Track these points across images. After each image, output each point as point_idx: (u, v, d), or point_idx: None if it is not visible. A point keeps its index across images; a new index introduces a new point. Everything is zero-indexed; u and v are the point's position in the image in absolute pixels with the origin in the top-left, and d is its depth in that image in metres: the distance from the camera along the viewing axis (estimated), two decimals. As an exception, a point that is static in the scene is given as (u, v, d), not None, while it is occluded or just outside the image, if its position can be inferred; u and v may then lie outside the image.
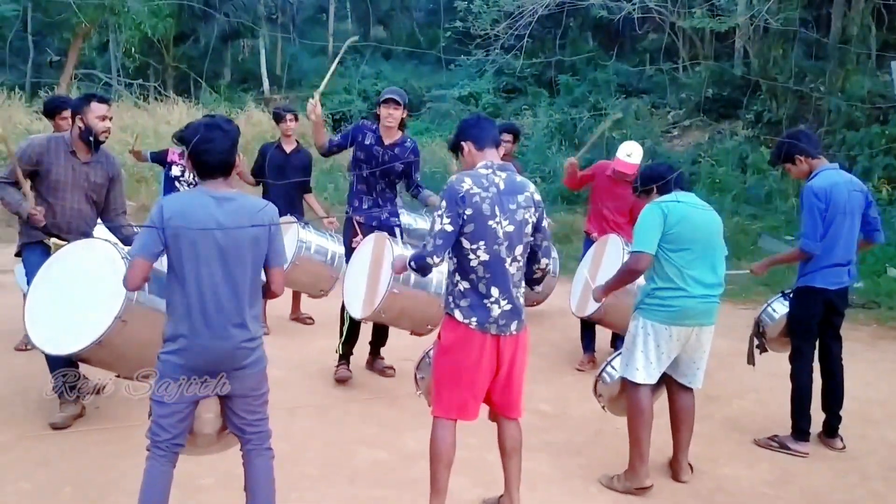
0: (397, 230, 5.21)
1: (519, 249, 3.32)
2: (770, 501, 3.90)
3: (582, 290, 5.62)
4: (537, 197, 3.41)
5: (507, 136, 7.18)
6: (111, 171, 4.54)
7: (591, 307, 5.39)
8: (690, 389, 4.06)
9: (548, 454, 4.32)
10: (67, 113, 4.75)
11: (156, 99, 18.56)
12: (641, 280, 4.12)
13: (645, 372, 3.88)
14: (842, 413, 4.82)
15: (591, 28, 21.03)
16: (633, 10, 14.33)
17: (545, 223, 3.45)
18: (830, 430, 4.52)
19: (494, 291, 3.27)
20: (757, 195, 12.74)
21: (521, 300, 3.40)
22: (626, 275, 4.01)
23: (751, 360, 4.81)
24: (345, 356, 5.27)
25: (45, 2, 19.31)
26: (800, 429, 4.41)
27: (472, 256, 3.25)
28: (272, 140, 7.32)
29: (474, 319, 3.27)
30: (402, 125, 5.16)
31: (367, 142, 5.10)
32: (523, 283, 3.45)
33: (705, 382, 5.44)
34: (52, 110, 5.38)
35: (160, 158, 7.11)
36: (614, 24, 17.34)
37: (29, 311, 3.94)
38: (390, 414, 4.76)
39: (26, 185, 4.27)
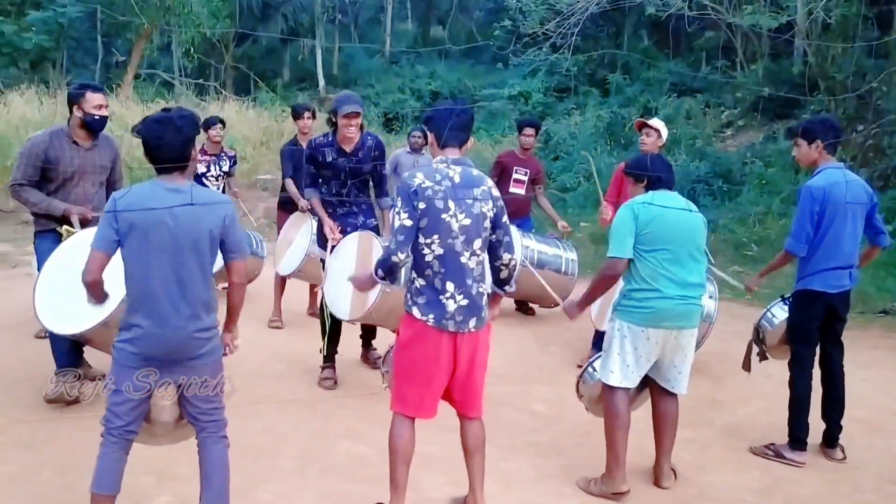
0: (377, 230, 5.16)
1: (478, 243, 3.28)
2: (754, 510, 3.76)
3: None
4: (495, 192, 3.36)
5: (528, 131, 7.17)
6: (113, 152, 4.76)
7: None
8: (674, 394, 3.93)
9: (530, 454, 4.25)
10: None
11: (216, 99, 19.03)
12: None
13: (621, 375, 3.78)
14: (852, 421, 4.65)
15: (646, 26, 20.67)
16: (685, 6, 14.05)
17: (505, 218, 3.38)
18: (830, 439, 4.33)
19: (450, 286, 3.24)
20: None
21: (483, 297, 3.34)
22: (600, 282, 3.84)
23: (746, 366, 4.65)
24: (329, 357, 5.23)
25: (109, 3, 19.94)
26: (796, 437, 4.24)
27: (426, 251, 3.22)
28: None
29: (431, 316, 3.25)
30: (360, 128, 5.02)
31: (328, 159, 4.97)
32: (485, 280, 3.38)
33: (712, 387, 5.35)
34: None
35: None
36: (670, 22, 17.05)
37: (38, 294, 4.07)
38: (380, 409, 4.67)
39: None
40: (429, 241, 3.20)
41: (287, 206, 6.63)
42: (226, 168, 7.31)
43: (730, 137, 16.45)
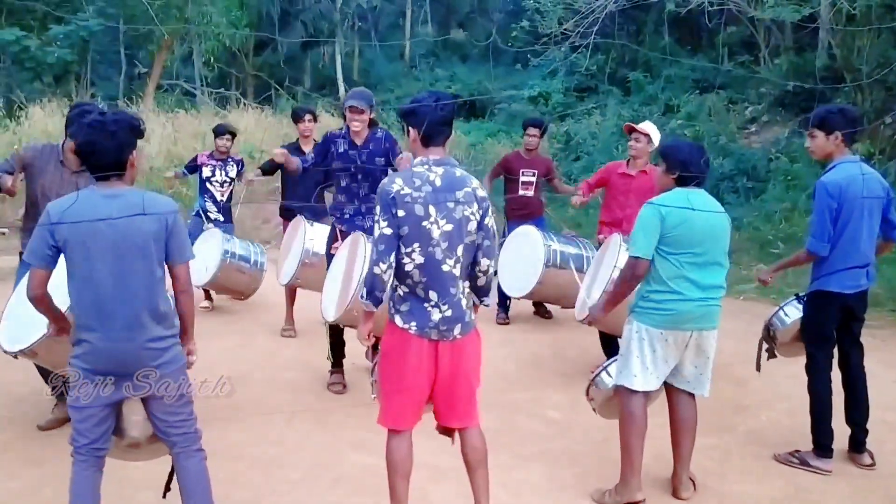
0: None
1: (460, 249, 3.11)
2: (774, 521, 3.60)
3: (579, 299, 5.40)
4: (481, 193, 3.17)
5: (532, 131, 7.04)
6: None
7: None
8: (692, 398, 3.78)
9: (543, 463, 4.13)
10: None
11: (237, 107, 19.10)
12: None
13: (643, 379, 3.64)
14: (883, 425, 4.49)
15: (667, 23, 20.40)
16: (706, 1, 13.83)
17: (489, 221, 3.20)
18: (857, 444, 4.15)
19: (433, 295, 3.10)
20: (834, 192, 12.02)
21: (465, 301, 3.19)
22: (625, 282, 3.72)
23: (759, 366, 4.49)
24: (336, 363, 5.20)
25: (130, 16, 20.11)
26: (821, 444, 4.05)
27: (406, 260, 3.07)
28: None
29: (414, 324, 3.11)
30: (371, 124, 5.08)
31: (340, 149, 5.06)
32: (468, 284, 3.22)
33: (735, 390, 5.19)
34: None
35: (193, 167, 7.27)
36: (692, 18, 16.81)
37: (4, 317, 3.97)
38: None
39: (18, 176, 4.36)
40: (409, 249, 3.05)
41: (287, 214, 6.57)
42: (232, 174, 7.24)
43: (754, 133, 16.17)
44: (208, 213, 7.20)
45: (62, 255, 2.83)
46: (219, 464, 3.90)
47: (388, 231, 3.04)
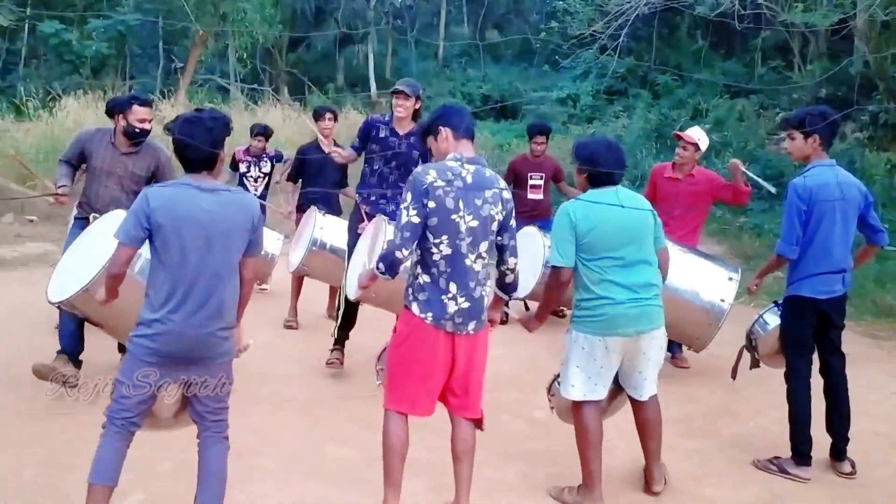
0: None
1: (483, 246, 3.21)
2: (745, 526, 3.57)
3: None
4: (507, 195, 3.28)
5: (539, 139, 7.05)
6: (154, 161, 4.86)
7: None
8: (650, 399, 3.71)
9: (521, 462, 4.12)
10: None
11: (271, 103, 19.33)
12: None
13: (583, 389, 3.58)
14: (873, 435, 4.43)
15: (701, 27, 20.22)
16: (736, 4, 13.66)
17: (512, 223, 3.31)
18: (837, 452, 4.09)
19: (453, 287, 3.18)
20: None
21: (485, 299, 3.28)
22: (550, 291, 3.65)
23: (734, 373, 4.46)
24: (339, 340, 5.31)
25: (167, 11, 20.45)
26: (799, 452, 4.00)
27: (434, 250, 3.16)
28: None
29: (430, 314, 3.19)
30: (415, 116, 5.16)
31: (381, 134, 5.14)
32: (489, 283, 3.32)
33: (726, 396, 5.16)
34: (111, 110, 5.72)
35: (235, 165, 7.44)
36: (725, 22, 16.64)
37: (54, 274, 4.19)
38: (374, 413, 4.64)
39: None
40: (437, 240, 3.14)
41: (303, 208, 6.65)
42: (266, 169, 7.47)
43: (784, 140, 15.93)
44: None
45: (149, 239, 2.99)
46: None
47: (416, 220, 3.12)
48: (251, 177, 7.42)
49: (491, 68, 25.52)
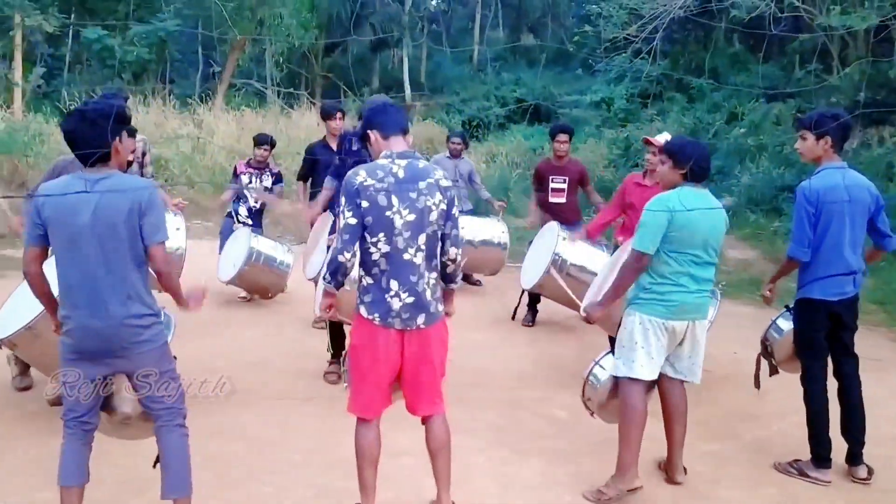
0: None
1: (422, 238, 3.20)
2: (758, 527, 3.58)
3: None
4: (444, 183, 3.27)
5: (561, 137, 7.03)
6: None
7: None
8: (682, 387, 3.89)
9: (539, 459, 4.18)
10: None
11: (307, 107, 19.58)
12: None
13: (648, 368, 3.75)
14: (894, 441, 4.39)
15: (738, 30, 20.00)
16: (772, 5, 13.54)
17: (455, 211, 3.30)
18: (853, 457, 4.07)
19: (394, 284, 3.19)
20: (895, 206, 11.62)
21: (429, 291, 3.26)
22: (627, 275, 3.81)
23: (756, 382, 4.47)
24: (335, 356, 5.33)
25: (206, 16, 20.81)
26: (818, 455, 4.00)
27: (373, 249, 3.18)
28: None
29: (377, 315, 3.21)
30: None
31: (354, 147, 5.16)
32: (434, 273, 3.30)
33: (749, 400, 5.15)
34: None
35: (237, 177, 7.56)
36: (764, 26, 16.46)
37: (3, 307, 4.29)
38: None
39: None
40: (374, 239, 3.16)
41: None
42: (267, 183, 7.49)
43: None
44: (239, 216, 7.49)
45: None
46: (220, 444, 4.13)
47: (353, 221, 3.15)
48: (252, 188, 7.43)
49: (525, 72, 25.53)
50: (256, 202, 7.51)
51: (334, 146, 6.56)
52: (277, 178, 7.56)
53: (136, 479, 3.64)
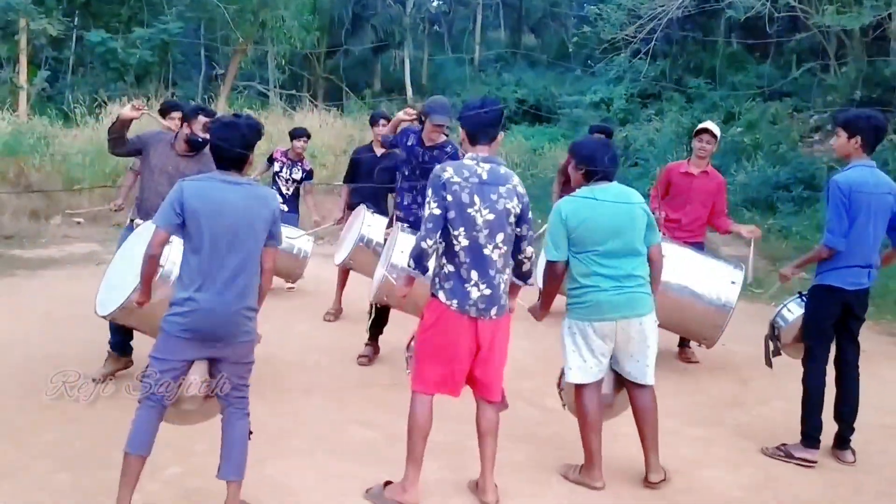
0: None
1: (500, 237, 3.49)
2: (737, 505, 3.77)
3: None
4: (521, 189, 3.57)
5: (596, 136, 7.19)
6: (206, 167, 5.02)
7: None
8: (645, 387, 3.92)
9: (530, 445, 4.36)
10: (176, 114, 5.64)
11: (309, 109, 19.80)
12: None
13: (580, 372, 3.84)
14: (879, 427, 4.59)
15: (736, 30, 20.18)
16: (768, 4, 13.72)
17: (529, 214, 3.59)
18: (842, 441, 4.27)
19: (474, 275, 3.47)
20: (890, 203, 11.80)
21: (503, 286, 3.56)
22: (548, 284, 3.95)
23: (768, 362, 4.63)
24: (373, 337, 5.69)
25: (209, 20, 21.03)
26: (808, 434, 4.20)
27: (454, 242, 3.46)
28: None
29: (455, 301, 3.48)
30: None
31: (409, 143, 5.45)
32: (507, 271, 3.59)
33: (736, 388, 5.36)
34: (163, 111, 6.05)
35: (271, 159, 7.89)
36: (762, 26, 16.64)
37: (103, 282, 4.60)
38: (399, 399, 4.90)
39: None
40: (456, 232, 3.44)
41: (353, 206, 6.98)
42: (297, 176, 7.81)
43: (817, 143, 15.90)
44: None
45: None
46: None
47: (437, 211, 3.43)
48: (283, 177, 7.79)
49: (526, 73, 25.71)
50: (288, 190, 7.80)
51: (379, 151, 6.82)
52: (308, 175, 7.88)
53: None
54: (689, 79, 18.86)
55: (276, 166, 7.82)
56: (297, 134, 7.86)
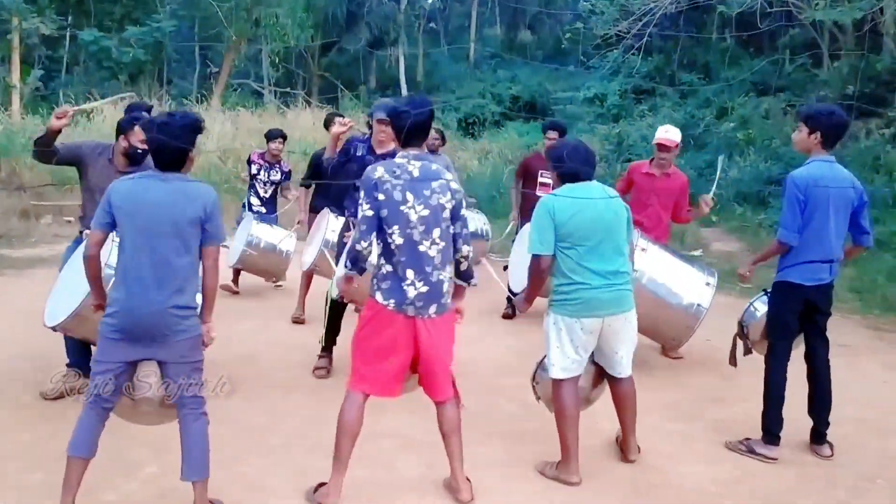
0: None
1: (436, 232, 3.47)
2: (712, 499, 3.77)
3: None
4: (454, 185, 3.55)
5: (551, 134, 7.19)
6: None
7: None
8: (625, 378, 4.00)
9: (509, 440, 4.37)
10: None
11: (303, 107, 19.78)
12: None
13: (561, 367, 3.86)
14: (858, 422, 4.60)
15: (728, 25, 20.16)
16: (759, 2, 13.71)
17: (463, 211, 3.57)
18: (818, 436, 4.28)
19: (410, 273, 3.44)
20: (881, 197, 11.81)
21: (445, 284, 3.52)
22: (533, 278, 3.95)
23: (732, 360, 4.63)
24: (327, 347, 5.48)
25: (202, 17, 21.01)
26: (769, 431, 4.20)
27: (390, 240, 3.43)
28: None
29: (392, 301, 3.45)
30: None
31: (358, 153, 5.30)
32: (448, 268, 3.56)
33: (718, 384, 5.37)
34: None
35: (249, 161, 7.87)
36: (752, 19, 16.62)
37: (51, 293, 4.53)
38: (379, 398, 4.96)
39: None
40: (390, 230, 3.42)
41: (315, 208, 6.99)
42: (276, 178, 7.78)
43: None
44: (252, 205, 7.79)
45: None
46: (209, 428, 4.31)
47: (370, 213, 3.42)
48: (261, 180, 7.75)
49: (521, 69, 25.69)
50: (266, 192, 7.78)
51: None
52: (287, 176, 7.84)
53: (124, 460, 3.84)
54: (683, 74, 18.84)
55: (254, 168, 7.75)
56: (273, 135, 7.78)
